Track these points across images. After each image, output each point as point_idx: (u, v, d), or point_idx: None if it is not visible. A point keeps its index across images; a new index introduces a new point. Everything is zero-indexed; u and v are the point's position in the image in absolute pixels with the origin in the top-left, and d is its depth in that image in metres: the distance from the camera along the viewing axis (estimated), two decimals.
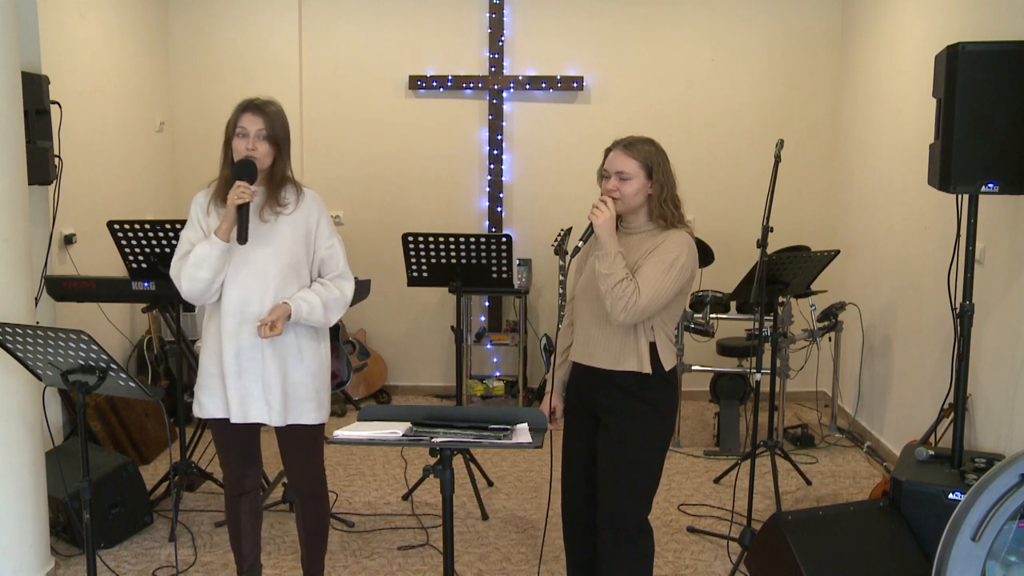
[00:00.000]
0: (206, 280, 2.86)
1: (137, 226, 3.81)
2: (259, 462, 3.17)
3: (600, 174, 2.82)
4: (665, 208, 2.76)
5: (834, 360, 5.46)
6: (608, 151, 2.81)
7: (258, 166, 2.87)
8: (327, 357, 3.08)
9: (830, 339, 5.42)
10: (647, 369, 2.75)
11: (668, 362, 2.79)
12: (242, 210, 2.82)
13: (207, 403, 2.98)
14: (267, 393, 2.93)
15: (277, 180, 2.94)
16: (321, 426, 3.07)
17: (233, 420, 2.95)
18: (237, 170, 2.85)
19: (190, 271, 2.86)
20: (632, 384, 2.77)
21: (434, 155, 6.03)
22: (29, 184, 3.46)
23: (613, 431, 2.79)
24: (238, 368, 2.91)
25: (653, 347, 2.76)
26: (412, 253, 4.18)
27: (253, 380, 2.92)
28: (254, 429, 3.08)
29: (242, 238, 2.82)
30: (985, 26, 3.86)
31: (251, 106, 2.90)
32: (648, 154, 2.75)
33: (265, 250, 2.90)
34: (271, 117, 2.89)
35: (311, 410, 3.00)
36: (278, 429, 3.02)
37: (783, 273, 4.33)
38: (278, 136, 2.91)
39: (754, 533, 3.56)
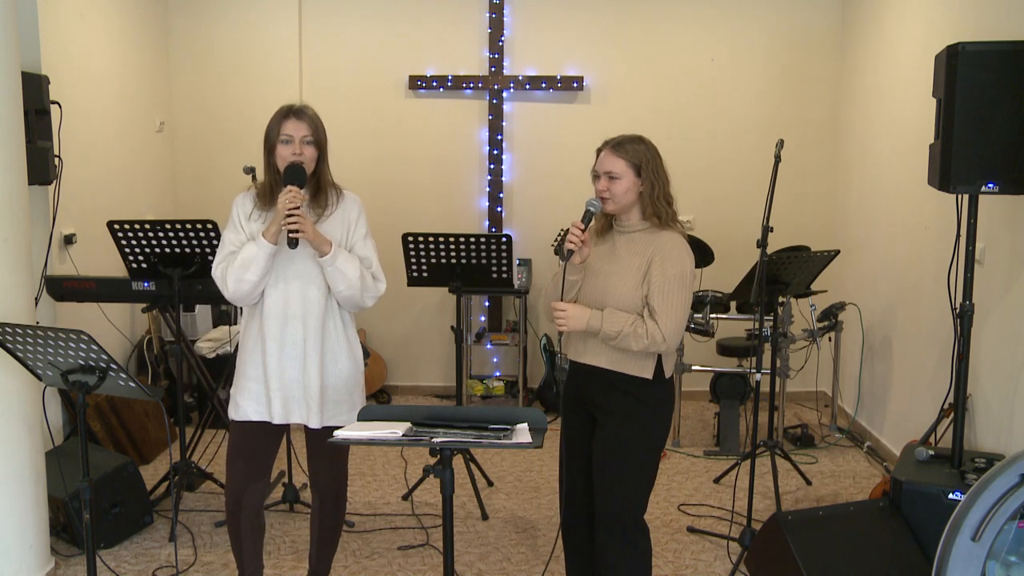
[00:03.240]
0: (252, 282, 2.87)
1: (137, 226, 3.81)
2: (266, 478, 3.12)
3: (593, 174, 2.84)
4: (658, 206, 2.77)
5: (834, 360, 5.46)
6: (599, 151, 2.83)
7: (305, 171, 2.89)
8: (360, 360, 3.10)
9: (830, 339, 5.42)
10: (648, 375, 2.76)
11: (669, 368, 2.82)
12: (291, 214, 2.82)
13: (245, 405, 2.97)
14: (307, 394, 2.95)
15: (320, 184, 2.95)
16: None
17: (275, 422, 2.96)
18: (287, 175, 2.84)
19: (237, 273, 2.86)
20: (630, 386, 2.77)
21: (434, 155, 6.03)
22: (29, 184, 3.46)
23: (609, 431, 2.80)
24: (280, 370, 2.93)
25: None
26: (412, 253, 4.18)
27: (295, 381, 2.94)
28: (275, 439, 3.07)
29: (293, 243, 2.82)
30: (985, 26, 3.86)
31: (292, 111, 2.90)
32: (636, 153, 2.76)
33: (307, 251, 2.91)
34: (314, 121, 2.92)
35: (344, 411, 3.01)
36: (308, 431, 3.04)
37: (783, 273, 4.33)
38: (320, 140, 2.94)
39: (754, 533, 3.56)
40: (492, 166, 5.98)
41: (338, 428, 2.94)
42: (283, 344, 2.93)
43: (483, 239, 4.11)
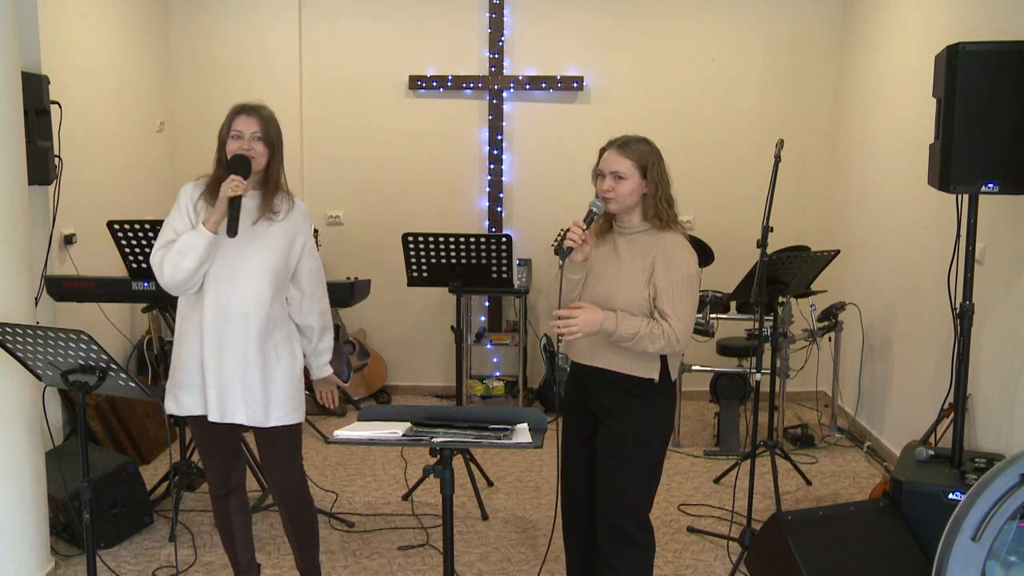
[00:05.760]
0: (189, 271, 2.80)
1: (137, 226, 3.81)
2: (243, 458, 3.15)
3: (595, 174, 2.82)
4: (660, 207, 2.76)
5: (834, 360, 5.46)
6: (603, 151, 2.80)
7: (253, 166, 2.87)
8: (301, 358, 3.04)
9: (830, 339, 5.42)
10: (655, 376, 2.76)
11: (674, 370, 2.82)
12: (234, 203, 2.80)
13: (186, 400, 2.92)
14: (248, 393, 2.89)
15: (271, 185, 2.93)
16: (299, 426, 3.04)
17: (211, 419, 2.91)
18: (232, 164, 2.83)
19: (174, 259, 2.80)
20: (633, 386, 2.77)
21: (434, 155, 6.03)
22: (29, 184, 3.46)
23: (612, 430, 2.80)
24: (219, 367, 2.87)
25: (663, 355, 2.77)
26: (412, 253, 4.18)
27: (234, 380, 2.88)
28: (236, 426, 3.04)
29: (232, 231, 2.79)
30: (985, 26, 3.86)
31: (245, 109, 2.90)
32: (643, 153, 2.75)
33: (254, 252, 2.89)
34: (265, 119, 2.90)
35: (292, 410, 2.97)
36: (257, 434, 3.00)
37: (783, 273, 4.33)
38: (272, 138, 2.90)
39: (754, 533, 3.56)
40: (492, 166, 5.98)
41: (284, 427, 2.97)
42: (223, 342, 2.87)
43: (483, 239, 4.11)
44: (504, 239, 4.10)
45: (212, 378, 2.88)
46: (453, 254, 4.14)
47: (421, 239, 4.13)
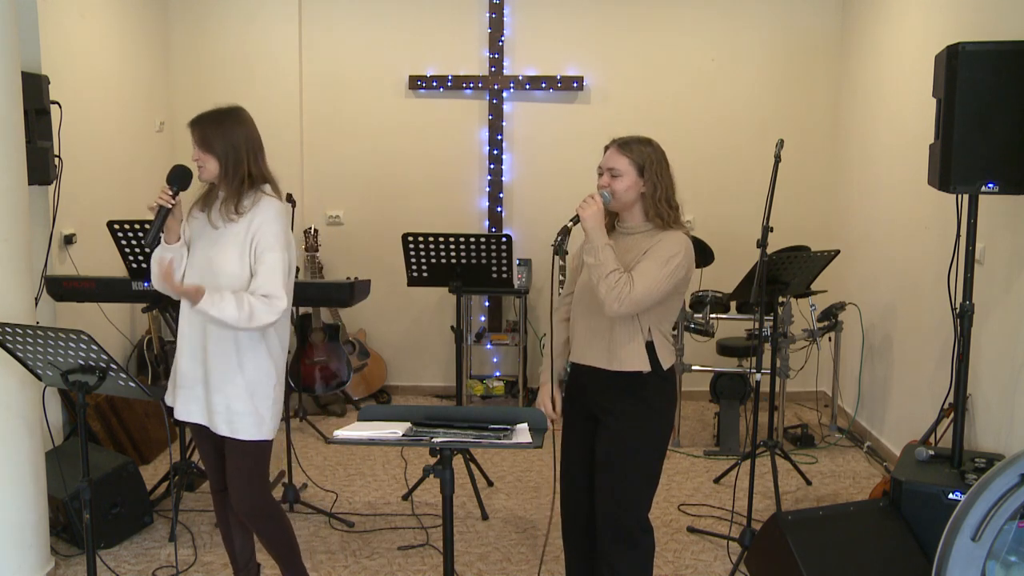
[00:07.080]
0: (154, 274, 2.95)
1: (137, 226, 3.81)
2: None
3: (598, 170, 2.86)
4: (660, 207, 2.77)
5: (834, 360, 5.46)
6: (606, 148, 2.85)
7: (203, 174, 2.90)
8: (273, 372, 2.94)
9: (830, 339, 5.42)
10: (645, 368, 2.75)
11: (667, 361, 2.80)
12: (159, 213, 2.82)
13: (168, 393, 3.04)
14: (209, 397, 2.88)
15: (232, 188, 2.88)
16: (263, 444, 2.94)
17: (177, 416, 2.97)
18: (168, 175, 2.88)
19: (152, 269, 2.95)
20: (630, 383, 2.77)
21: (434, 155, 6.03)
22: (29, 184, 3.46)
23: (612, 430, 2.80)
24: (188, 369, 2.93)
25: (651, 346, 2.77)
26: (412, 253, 4.18)
27: (197, 381, 2.91)
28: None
29: (148, 241, 2.83)
30: (985, 26, 3.86)
31: (190, 122, 2.91)
32: (641, 153, 2.77)
33: (213, 255, 2.87)
34: (203, 126, 2.87)
35: (249, 425, 2.89)
36: (226, 447, 2.96)
37: (783, 273, 4.33)
38: (213, 145, 2.85)
39: (754, 533, 3.56)
40: (492, 166, 5.98)
41: (243, 442, 2.88)
42: (192, 345, 2.91)
43: (483, 239, 4.11)
44: (504, 239, 4.10)
45: (181, 378, 2.96)
46: (453, 254, 4.14)
47: (421, 239, 4.13)
